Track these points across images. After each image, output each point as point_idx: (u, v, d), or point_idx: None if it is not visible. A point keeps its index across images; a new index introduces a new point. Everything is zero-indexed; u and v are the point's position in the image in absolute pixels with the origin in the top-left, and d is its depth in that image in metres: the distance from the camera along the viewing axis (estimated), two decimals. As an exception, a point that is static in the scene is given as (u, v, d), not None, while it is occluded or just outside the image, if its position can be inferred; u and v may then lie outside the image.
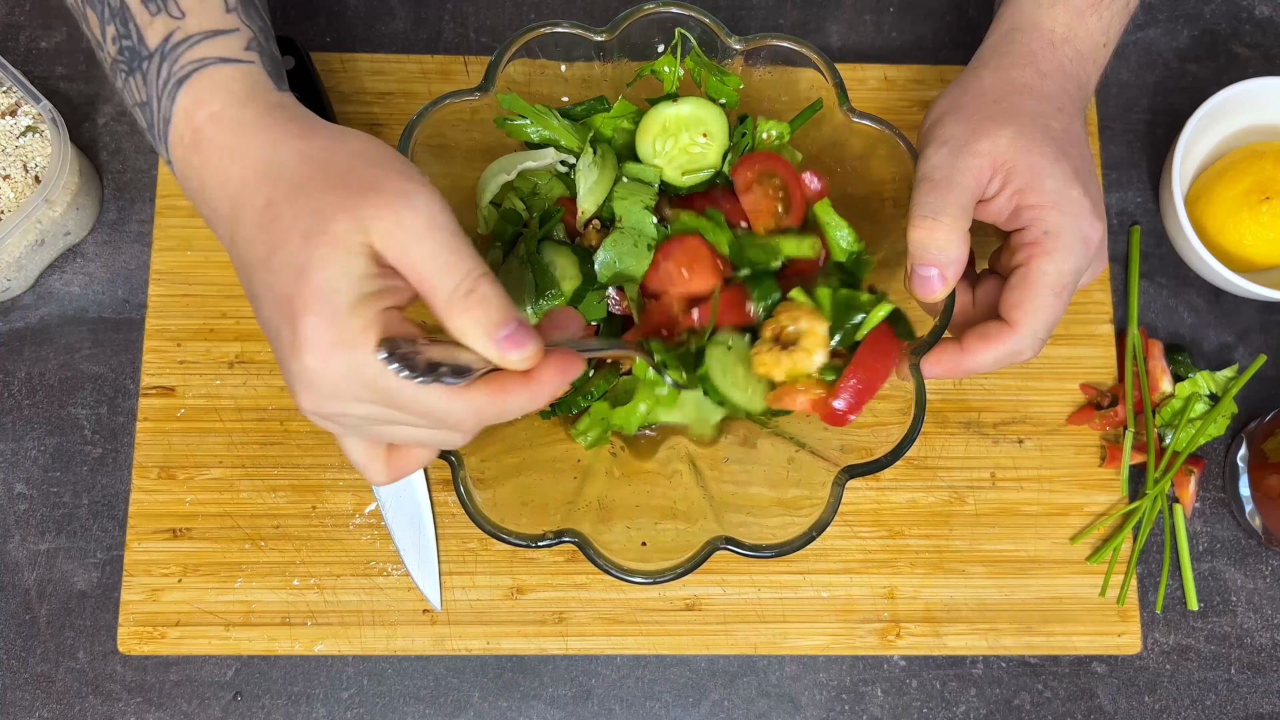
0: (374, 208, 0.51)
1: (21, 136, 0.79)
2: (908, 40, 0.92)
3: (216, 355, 0.83)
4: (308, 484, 0.81)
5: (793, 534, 0.65)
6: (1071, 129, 0.68)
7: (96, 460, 0.82)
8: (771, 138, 0.73)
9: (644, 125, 0.72)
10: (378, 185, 0.52)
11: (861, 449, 0.68)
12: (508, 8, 0.91)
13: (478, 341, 0.52)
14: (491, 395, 0.54)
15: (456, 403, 0.53)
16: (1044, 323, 0.65)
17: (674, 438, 0.76)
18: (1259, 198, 0.82)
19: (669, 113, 0.72)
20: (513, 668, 0.80)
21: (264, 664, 0.80)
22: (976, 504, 0.83)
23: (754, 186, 0.71)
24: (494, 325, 0.52)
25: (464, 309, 0.52)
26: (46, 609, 0.80)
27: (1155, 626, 0.83)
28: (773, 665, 0.81)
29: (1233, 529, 0.85)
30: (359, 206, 0.51)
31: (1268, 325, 0.88)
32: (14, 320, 0.84)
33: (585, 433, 0.72)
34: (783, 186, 0.70)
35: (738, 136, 0.73)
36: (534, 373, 0.54)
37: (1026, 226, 0.65)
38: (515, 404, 0.54)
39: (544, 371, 0.54)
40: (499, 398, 0.54)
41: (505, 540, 0.65)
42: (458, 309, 0.52)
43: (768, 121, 0.73)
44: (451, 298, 0.52)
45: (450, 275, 0.52)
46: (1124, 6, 0.73)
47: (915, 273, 0.65)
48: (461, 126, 0.71)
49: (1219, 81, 0.89)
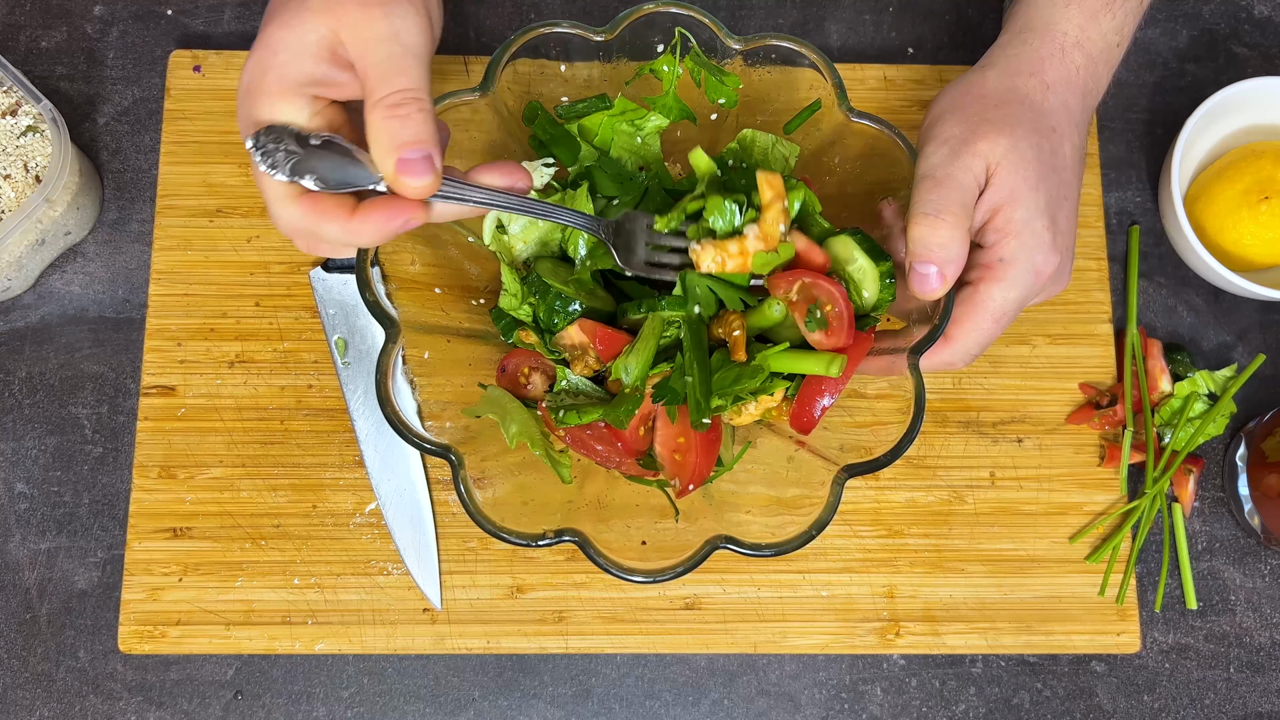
0: (354, 3, 0.56)
1: (22, 136, 0.79)
2: (907, 40, 0.92)
3: (217, 355, 0.83)
4: (308, 483, 0.81)
5: (792, 533, 0.66)
6: (1060, 151, 0.69)
7: (97, 460, 0.82)
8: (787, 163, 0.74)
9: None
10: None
11: (861, 448, 0.68)
12: (508, 8, 0.91)
13: (380, 150, 0.55)
14: (306, 211, 0.56)
15: (281, 202, 0.56)
16: (978, 342, 0.68)
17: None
18: (1258, 197, 0.82)
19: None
20: (513, 666, 0.80)
21: (264, 663, 0.80)
22: (976, 503, 0.83)
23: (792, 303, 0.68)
24: (402, 142, 0.54)
25: (385, 115, 0.54)
26: (47, 608, 0.80)
27: (1154, 625, 0.83)
28: (772, 664, 0.81)
29: (1231, 528, 0.85)
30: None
31: (1267, 325, 0.88)
32: (14, 320, 0.84)
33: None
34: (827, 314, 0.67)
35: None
36: (360, 210, 0.56)
37: (985, 248, 0.68)
38: (329, 231, 0.56)
39: (370, 212, 0.56)
40: (314, 216, 0.56)
41: (505, 540, 0.65)
42: (379, 114, 0.54)
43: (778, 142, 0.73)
44: (380, 103, 0.55)
45: (388, 83, 0.55)
46: (1137, 5, 0.74)
47: (914, 270, 0.65)
48: (462, 126, 0.71)
49: (1218, 81, 0.89)
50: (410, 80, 0.55)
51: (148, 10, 0.90)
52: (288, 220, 0.57)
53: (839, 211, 0.72)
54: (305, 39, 0.56)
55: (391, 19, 0.56)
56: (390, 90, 0.55)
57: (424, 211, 0.57)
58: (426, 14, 0.58)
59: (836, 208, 0.72)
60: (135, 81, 0.88)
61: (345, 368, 0.82)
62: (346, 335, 0.82)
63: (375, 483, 0.81)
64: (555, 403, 0.71)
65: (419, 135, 0.54)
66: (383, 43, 0.56)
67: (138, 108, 0.88)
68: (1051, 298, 0.72)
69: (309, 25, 0.56)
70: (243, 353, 0.83)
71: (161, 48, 0.89)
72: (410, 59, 0.56)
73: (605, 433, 0.70)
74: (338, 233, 0.56)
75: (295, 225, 0.57)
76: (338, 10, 0.56)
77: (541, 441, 0.71)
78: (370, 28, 0.56)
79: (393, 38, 0.56)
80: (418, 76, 0.56)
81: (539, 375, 0.74)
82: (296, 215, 0.56)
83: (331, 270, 0.83)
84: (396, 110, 0.54)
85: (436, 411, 0.71)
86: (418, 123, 0.55)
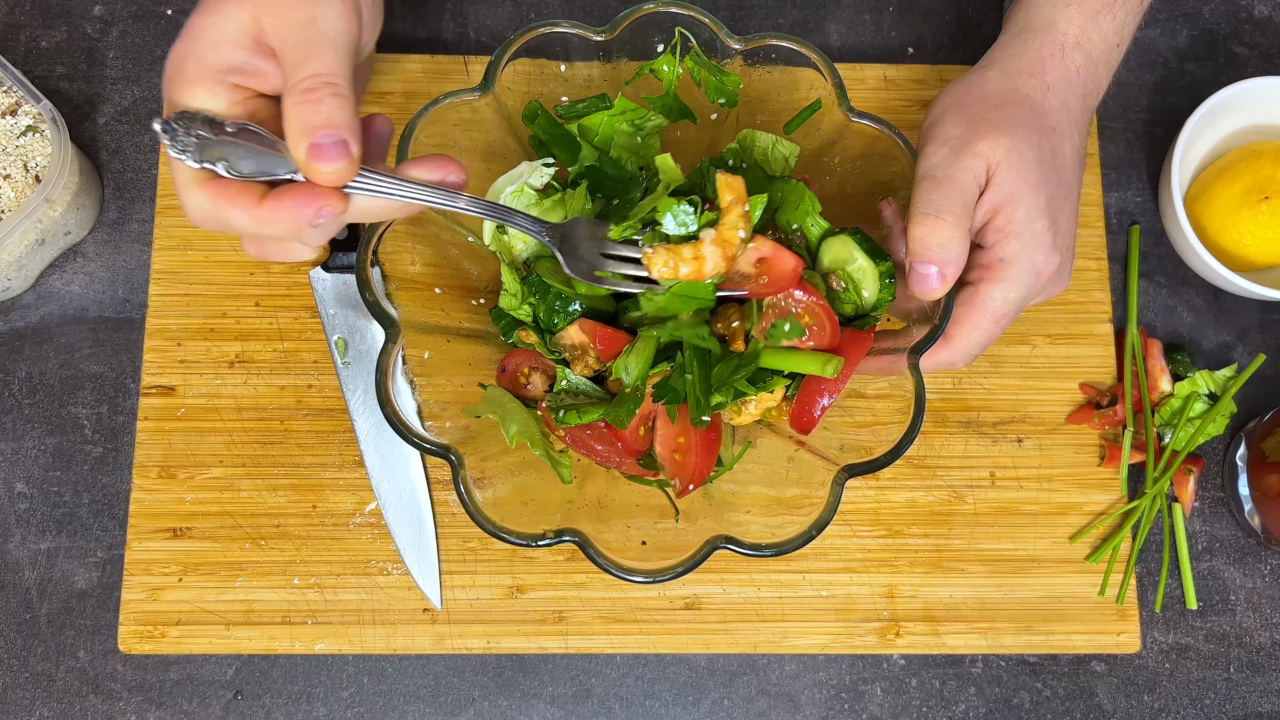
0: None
1: (22, 136, 0.79)
2: (907, 40, 0.92)
3: (217, 355, 0.83)
4: (308, 483, 0.81)
5: (792, 533, 0.66)
6: (1060, 151, 0.69)
7: (97, 460, 0.82)
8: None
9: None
10: None
11: (861, 448, 0.68)
12: (508, 8, 0.91)
13: (292, 135, 0.54)
14: (213, 197, 0.55)
15: (187, 188, 0.55)
16: (978, 342, 0.68)
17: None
18: (1258, 197, 0.82)
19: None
20: (513, 666, 0.80)
21: (264, 663, 0.80)
22: (976, 503, 0.83)
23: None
24: (313, 126, 0.53)
25: (298, 100, 0.54)
26: (47, 608, 0.80)
27: (1154, 625, 0.83)
28: (772, 664, 0.81)
29: (1231, 528, 0.85)
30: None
31: (1267, 324, 0.88)
32: (14, 320, 0.84)
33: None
34: (805, 324, 0.67)
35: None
36: (271, 197, 0.54)
37: (985, 248, 0.68)
38: (236, 219, 0.55)
39: (280, 199, 0.54)
40: (220, 202, 0.55)
41: (505, 539, 0.65)
42: (293, 99, 0.54)
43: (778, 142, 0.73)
44: (294, 88, 0.54)
45: (303, 68, 0.54)
46: (1138, 6, 0.74)
47: (914, 269, 0.65)
48: (462, 126, 0.71)
49: (1218, 81, 0.89)
50: (325, 66, 0.55)
51: (148, 10, 0.90)
52: (194, 207, 0.56)
53: (839, 211, 0.72)
54: (225, 26, 0.56)
55: (312, 5, 0.56)
56: (304, 75, 0.54)
57: (340, 203, 0.55)
58: (354, 4, 0.58)
59: (836, 208, 0.72)
60: (135, 81, 0.88)
61: (345, 368, 0.82)
62: (346, 335, 0.82)
63: (375, 483, 0.81)
64: (555, 403, 0.70)
65: (331, 119, 0.53)
66: (300, 28, 0.55)
67: (138, 108, 0.88)
68: (1052, 298, 0.72)
69: (230, 12, 0.56)
70: (243, 353, 0.83)
71: (161, 48, 0.89)
72: (327, 45, 0.56)
73: (605, 433, 0.70)
74: (245, 220, 0.55)
75: (202, 212, 0.56)
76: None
77: (541, 441, 0.71)
78: (289, 14, 0.56)
79: (310, 23, 0.56)
80: (333, 62, 0.55)
81: (539, 375, 0.74)
82: (203, 201, 0.55)
83: (331, 270, 0.83)
84: (309, 95, 0.54)
85: (436, 411, 0.71)
86: (330, 107, 0.54)
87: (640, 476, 0.73)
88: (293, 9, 0.56)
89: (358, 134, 0.54)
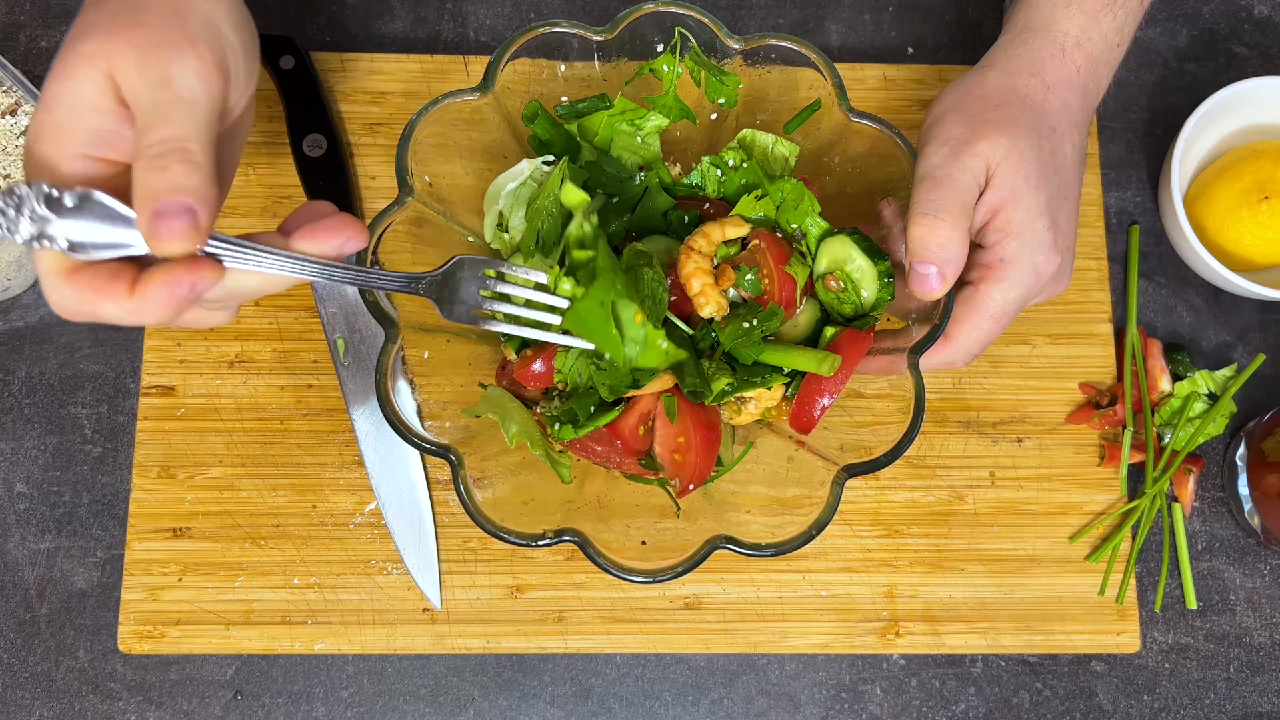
0: (129, 44, 0.51)
1: (21, 136, 0.79)
2: (907, 40, 0.92)
3: (216, 355, 0.83)
4: (308, 483, 0.81)
5: (792, 533, 0.66)
6: (1060, 151, 0.69)
7: (97, 459, 0.82)
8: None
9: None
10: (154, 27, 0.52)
11: (861, 448, 0.68)
12: (508, 8, 0.91)
13: (137, 204, 0.49)
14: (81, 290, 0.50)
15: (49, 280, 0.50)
16: (978, 342, 0.68)
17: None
18: (1258, 197, 0.82)
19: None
20: (513, 666, 0.80)
21: (264, 663, 0.80)
22: (975, 503, 0.83)
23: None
24: (157, 193, 0.48)
25: (144, 167, 0.49)
26: (47, 608, 0.80)
27: (1154, 625, 0.83)
28: (772, 664, 0.81)
29: (1231, 528, 0.85)
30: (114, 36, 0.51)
31: (1266, 324, 0.88)
32: (14, 320, 0.84)
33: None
34: (759, 277, 0.68)
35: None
36: (140, 282, 0.50)
37: (986, 248, 0.68)
38: (109, 312, 0.50)
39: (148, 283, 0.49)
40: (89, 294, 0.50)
41: (505, 539, 0.65)
42: (140, 165, 0.49)
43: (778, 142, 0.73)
44: (142, 153, 0.50)
45: (152, 132, 0.50)
46: (1138, 6, 0.74)
47: (914, 270, 0.65)
48: (462, 126, 0.71)
49: (1218, 81, 0.89)
50: (175, 130, 0.50)
51: (147, 10, 0.90)
52: (58, 302, 0.50)
53: (839, 211, 0.72)
54: (81, 91, 0.51)
55: (166, 63, 0.51)
56: (153, 140, 0.50)
57: (214, 274, 0.50)
58: (217, 63, 0.53)
59: (836, 208, 0.72)
60: (135, 81, 0.88)
61: (345, 368, 0.82)
62: (346, 335, 0.82)
63: (375, 483, 0.81)
64: (550, 411, 0.70)
65: (176, 185, 0.49)
66: (152, 88, 0.51)
67: (137, 107, 0.88)
68: (1052, 298, 0.72)
69: (85, 75, 0.51)
70: (242, 352, 0.83)
71: (161, 47, 0.89)
72: (180, 107, 0.51)
73: (605, 433, 0.70)
74: (119, 312, 0.50)
75: (69, 308, 0.50)
76: (111, 55, 0.51)
77: (541, 441, 0.71)
78: (142, 74, 0.51)
79: (164, 83, 0.51)
80: (186, 125, 0.50)
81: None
82: (70, 296, 0.50)
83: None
84: (155, 161, 0.49)
85: (436, 411, 0.71)
86: (177, 174, 0.49)
87: (640, 476, 0.73)
88: (148, 68, 0.51)
89: (209, 202, 0.50)
